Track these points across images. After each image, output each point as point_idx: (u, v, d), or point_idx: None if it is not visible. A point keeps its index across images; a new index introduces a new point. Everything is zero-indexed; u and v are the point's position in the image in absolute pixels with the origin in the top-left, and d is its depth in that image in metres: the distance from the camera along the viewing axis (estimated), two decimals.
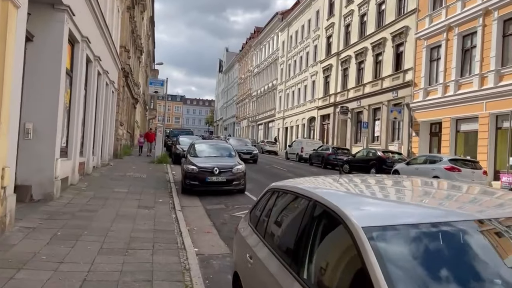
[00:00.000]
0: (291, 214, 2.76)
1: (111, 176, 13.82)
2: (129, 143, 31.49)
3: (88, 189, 10.56)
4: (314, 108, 39.39)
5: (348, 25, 33.46)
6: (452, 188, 2.85)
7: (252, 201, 10.89)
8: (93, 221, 7.07)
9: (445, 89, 21.22)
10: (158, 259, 5.30)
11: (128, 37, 23.87)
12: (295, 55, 46.51)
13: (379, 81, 27.83)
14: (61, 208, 7.92)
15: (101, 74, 15.16)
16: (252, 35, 69.94)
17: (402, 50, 25.63)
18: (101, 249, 5.55)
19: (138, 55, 34.81)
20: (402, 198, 2.68)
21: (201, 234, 7.26)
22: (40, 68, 8.43)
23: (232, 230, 7.60)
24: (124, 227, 6.83)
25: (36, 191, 8.36)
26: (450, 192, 2.74)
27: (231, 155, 13.32)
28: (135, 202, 9.33)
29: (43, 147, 8.44)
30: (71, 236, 5.98)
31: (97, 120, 15.24)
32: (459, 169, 14.33)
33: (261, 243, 2.97)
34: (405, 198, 2.69)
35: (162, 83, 24.66)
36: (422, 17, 23.52)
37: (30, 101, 8.36)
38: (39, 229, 6.22)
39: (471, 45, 20.05)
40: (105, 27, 14.47)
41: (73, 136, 10.80)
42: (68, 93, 10.44)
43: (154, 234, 6.59)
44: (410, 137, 24.00)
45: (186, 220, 8.08)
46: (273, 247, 2.72)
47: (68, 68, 10.23)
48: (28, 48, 8.38)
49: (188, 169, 11.65)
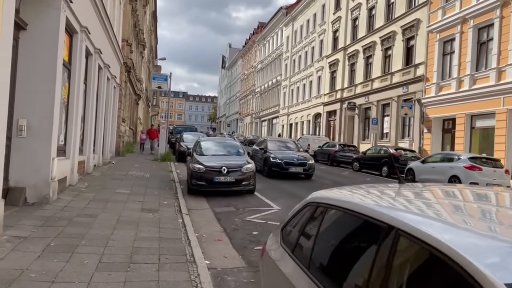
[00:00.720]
0: (353, 241, 2.04)
1: (113, 175, 13.13)
2: (132, 140, 30.82)
3: (88, 190, 9.87)
4: (320, 104, 38.59)
5: (356, 19, 32.59)
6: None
7: (264, 203, 10.21)
8: (92, 228, 6.38)
9: (459, 84, 20.42)
10: (165, 276, 4.60)
11: (130, 31, 23.13)
12: (300, 50, 45.65)
13: (389, 76, 27.02)
14: (58, 212, 7.23)
15: (102, 68, 14.45)
16: (256, 30, 69.02)
17: (413, 44, 24.80)
18: (100, 263, 4.85)
19: (141, 50, 34.06)
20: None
21: (212, 243, 6.56)
22: (34, 59, 7.73)
23: (246, 238, 6.94)
24: (126, 235, 6.13)
25: (30, 194, 7.67)
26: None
27: (239, 153, 12.60)
28: (138, 204, 8.63)
29: (38, 145, 7.75)
30: (66, 247, 5.28)
31: (98, 117, 14.55)
32: (480, 167, 13.55)
33: (303, 275, 2.26)
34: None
35: (166, 78, 23.92)
36: (435, 10, 22.67)
37: (24, 95, 7.67)
38: (30, 239, 5.53)
39: (488, 38, 19.23)
40: (106, 19, 13.73)
41: (72, 133, 10.09)
42: (66, 87, 9.74)
43: (160, 243, 5.90)
44: (421, 133, 23.22)
45: (194, 225, 7.38)
46: (325, 285, 2.01)
47: (66, 60, 9.51)
48: (22, 37, 7.70)
49: (195, 168, 10.95)
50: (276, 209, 9.45)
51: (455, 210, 2.01)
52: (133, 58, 25.62)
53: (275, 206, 9.70)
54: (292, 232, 2.74)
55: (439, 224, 1.62)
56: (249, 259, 5.74)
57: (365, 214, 1.93)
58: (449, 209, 1.99)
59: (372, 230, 1.85)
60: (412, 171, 16.43)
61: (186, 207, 8.83)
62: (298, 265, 2.38)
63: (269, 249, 2.96)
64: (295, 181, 14.84)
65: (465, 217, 1.88)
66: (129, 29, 22.34)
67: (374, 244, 1.78)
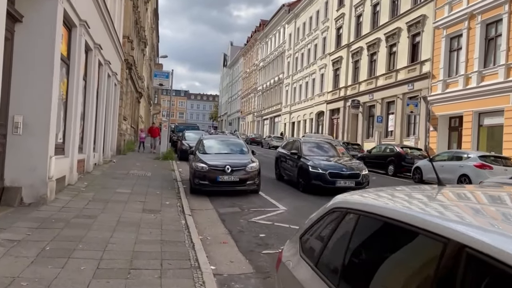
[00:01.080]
0: (398, 258, 1.68)
1: (114, 174, 12.79)
2: (133, 138, 30.49)
3: (87, 190, 9.54)
4: (323, 102, 38.19)
5: (360, 15, 32.16)
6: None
7: (269, 203, 9.85)
8: (90, 231, 6.04)
9: (467, 81, 20.01)
10: (167, 283, 4.26)
11: (131, 27, 22.77)
12: (302, 47, 45.22)
13: (394, 73, 26.62)
14: (55, 213, 6.89)
15: (103, 64, 14.10)
16: (258, 28, 68.51)
17: (419, 40, 24.38)
18: (97, 269, 4.51)
19: (142, 48, 33.68)
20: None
21: (217, 246, 6.21)
22: (31, 53, 7.39)
23: (252, 241, 6.58)
24: (126, 238, 5.79)
25: (27, 194, 7.34)
26: None
27: (243, 151, 12.24)
28: (139, 205, 8.29)
29: (34, 143, 7.41)
30: (62, 252, 4.95)
31: (98, 114, 14.21)
32: (491, 166, 13.16)
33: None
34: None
35: (167, 75, 23.55)
36: (441, 5, 22.25)
37: (20, 91, 7.34)
38: (24, 243, 5.19)
39: (496, 34, 18.81)
40: (107, 13, 13.38)
41: (71, 131, 9.75)
42: (64, 83, 9.40)
43: (162, 246, 5.55)
44: (427, 131, 22.82)
45: (198, 227, 7.03)
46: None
47: (65, 55, 9.18)
48: (17, 30, 7.36)
49: (197, 167, 10.59)
50: (282, 209, 9.10)
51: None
52: (134, 55, 25.26)
53: (281, 207, 9.35)
54: (315, 242, 2.39)
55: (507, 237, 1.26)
56: (257, 264, 5.40)
57: (413, 225, 1.58)
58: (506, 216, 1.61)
59: (426, 246, 1.50)
60: (419, 170, 16.06)
61: (189, 208, 8.49)
62: (324, 282, 2.03)
63: (286, 260, 2.61)
64: None
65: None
66: (130, 25, 21.98)
67: (429, 263, 1.43)
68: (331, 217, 2.30)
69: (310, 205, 9.59)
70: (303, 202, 10.15)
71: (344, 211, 2.15)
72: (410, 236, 1.59)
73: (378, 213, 1.84)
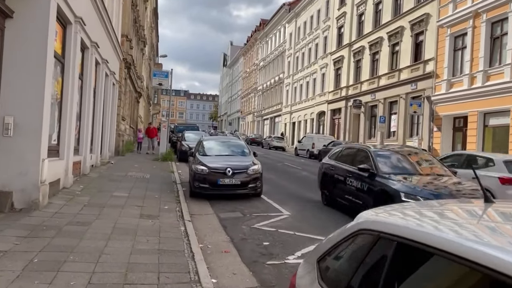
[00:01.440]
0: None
1: (111, 176, 12.41)
2: (132, 139, 30.09)
3: (83, 193, 9.17)
4: (324, 102, 37.81)
5: (361, 14, 31.78)
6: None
7: (272, 207, 9.45)
8: (83, 239, 5.66)
9: (472, 81, 19.62)
10: None
11: (130, 26, 22.38)
12: (303, 47, 44.84)
13: (396, 72, 26.23)
14: (46, 220, 6.52)
15: (100, 63, 13.73)
16: (258, 27, 68.09)
17: (422, 39, 23.98)
18: (89, 284, 4.14)
19: (141, 47, 33.28)
20: None
21: (218, 255, 5.83)
22: (22, 50, 7.04)
23: (256, 250, 6.17)
24: (121, 248, 5.42)
25: (18, 198, 6.99)
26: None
27: (244, 153, 11.86)
28: (136, 210, 7.92)
29: (26, 145, 7.06)
30: (51, 264, 4.57)
31: (95, 114, 13.83)
32: None
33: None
34: None
35: (167, 74, 23.20)
36: (445, 3, 21.85)
37: (11, 90, 6.99)
38: (11, 254, 4.82)
39: (501, 32, 18.41)
40: (104, 11, 13.01)
41: (66, 132, 9.37)
42: (59, 82, 9.03)
43: (160, 257, 5.19)
44: (431, 132, 22.44)
45: (198, 234, 6.66)
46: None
47: (59, 53, 8.81)
48: (7, 26, 7.00)
49: (197, 169, 10.22)
50: (286, 214, 8.71)
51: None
52: (133, 54, 24.87)
53: (285, 212, 8.96)
54: (338, 270, 2.02)
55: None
56: (262, 277, 5.02)
57: (470, 259, 1.21)
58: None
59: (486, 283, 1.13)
60: None
61: (188, 213, 8.12)
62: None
63: (300, 286, 2.23)
64: (305, 182, 14.11)
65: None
66: (129, 24, 21.60)
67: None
68: (357, 241, 1.92)
69: (314, 211, 9.22)
70: (309, 206, 9.76)
71: (375, 234, 1.78)
72: (462, 270, 1.23)
73: (424, 243, 1.47)
